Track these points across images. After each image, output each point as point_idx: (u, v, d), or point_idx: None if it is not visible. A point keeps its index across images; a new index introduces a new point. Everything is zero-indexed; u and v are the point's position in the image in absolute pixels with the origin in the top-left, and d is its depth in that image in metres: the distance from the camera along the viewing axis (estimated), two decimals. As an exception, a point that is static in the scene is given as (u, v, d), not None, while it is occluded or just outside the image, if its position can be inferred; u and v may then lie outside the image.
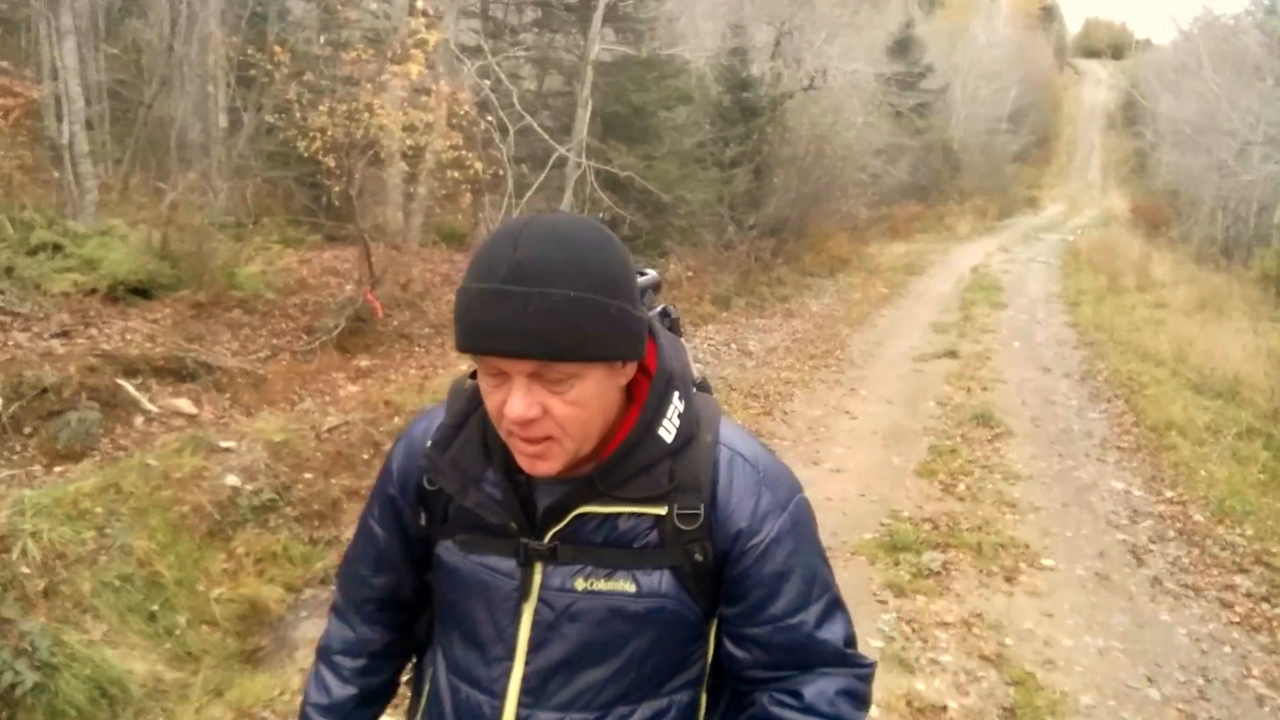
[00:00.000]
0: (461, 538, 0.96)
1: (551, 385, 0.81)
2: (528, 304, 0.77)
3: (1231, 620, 3.62)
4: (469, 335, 0.81)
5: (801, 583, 0.93)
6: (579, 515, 0.90)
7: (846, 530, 4.06)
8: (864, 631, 3.14)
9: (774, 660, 0.94)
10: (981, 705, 2.77)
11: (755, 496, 0.92)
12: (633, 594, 0.90)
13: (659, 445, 0.89)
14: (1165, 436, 6.05)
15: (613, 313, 0.81)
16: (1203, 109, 19.63)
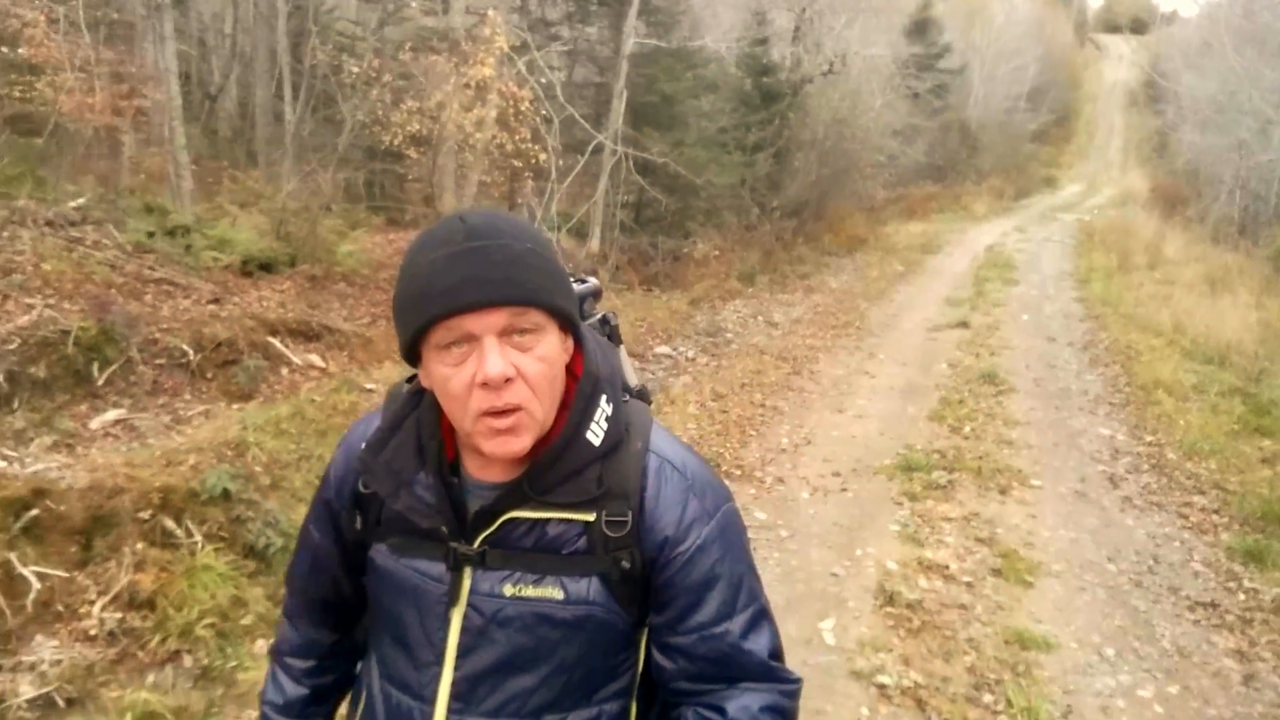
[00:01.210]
0: (393, 541, 0.98)
1: (519, 343, 0.86)
2: (495, 253, 0.83)
3: (1184, 526, 4.62)
4: (437, 301, 0.83)
5: (727, 590, 0.95)
6: (508, 520, 0.93)
7: (869, 458, 5.08)
8: (883, 523, 4.20)
9: (699, 671, 0.97)
10: (975, 567, 3.79)
11: (682, 504, 0.95)
12: (560, 600, 0.93)
13: (587, 449, 0.92)
14: (1153, 394, 7.02)
15: (559, 268, 0.90)
16: (1224, 87, 20.30)
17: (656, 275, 10.52)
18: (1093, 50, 52.27)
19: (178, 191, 7.69)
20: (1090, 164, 35.51)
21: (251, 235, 6.27)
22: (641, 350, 7.54)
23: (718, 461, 4.80)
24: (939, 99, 22.35)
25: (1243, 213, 20.10)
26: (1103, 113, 42.26)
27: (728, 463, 4.82)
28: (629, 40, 10.18)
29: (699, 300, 9.55)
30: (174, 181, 7.71)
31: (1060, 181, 30.52)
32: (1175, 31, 35.23)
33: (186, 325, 5.01)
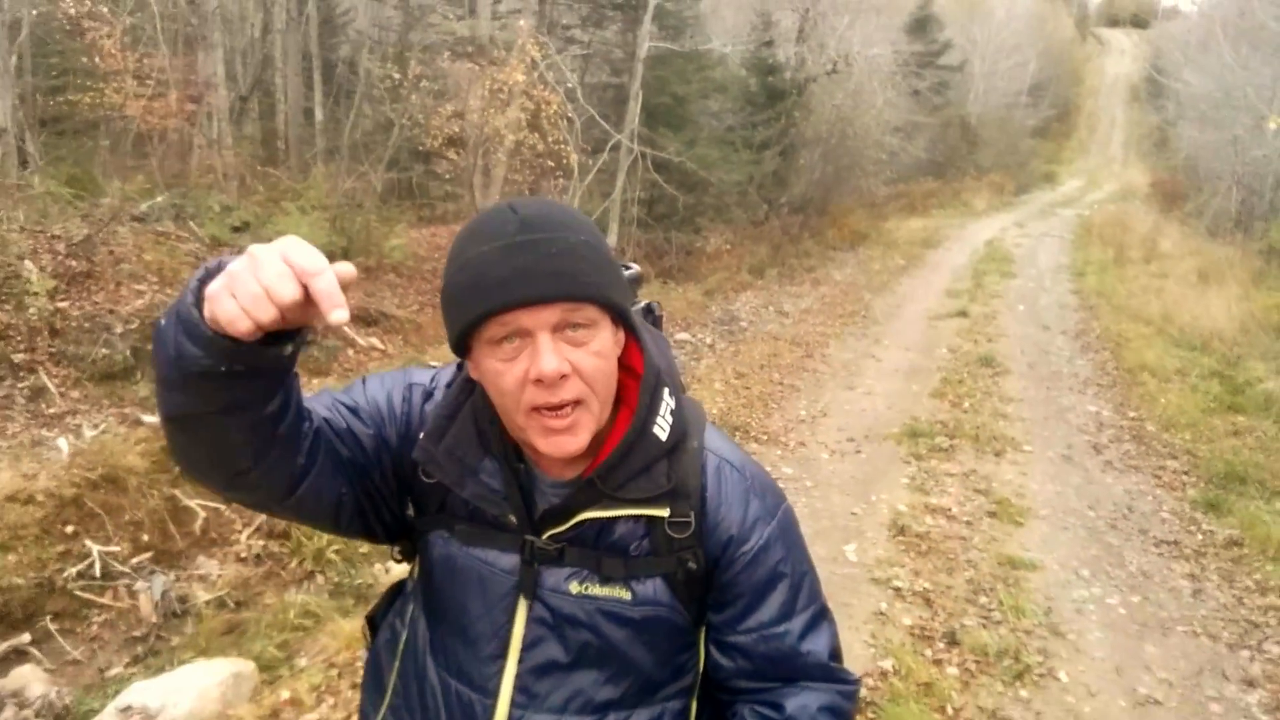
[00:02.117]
0: (460, 528, 0.98)
1: (574, 338, 0.86)
2: (549, 247, 0.83)
3: (1157, 485, 5.38)
4: (489, 295, 0.83)
5: (788, 591, 0.98)
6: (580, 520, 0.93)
7: (879, 427, 5.84)
8: (893, 477, 4.95)
9: (757, 670, 0.99)
10: (973, 511, 4.55)
11: (745, 504, 0.97)
12: (628, 601, 0.95)
13: (655, 444, 0.93)
14: (1138, 376, 7.79)
15: (613, 260, 0.90)
16: (1220, 84, 21.12)
17: (670, 268, 11.27)
18: (1094, 45, 53.21)
19: (223, 188, 8.42)
20: (1091, 159, 36.40)
21: (308, 230, 6.99)
22: (666, 336, 8.29)
23: (746, 428, 5.56)
24: (939, 95, 23.15)
25: (1239, 207, 20.94)
26: (1104, 108, 43.19)
27: (755, 429, 5.58)
28: (644, 44, 10.91)
29: (713, 291, 10.31)
30: (219, 179, 8.44)
31: (1060, 177, 31.38)
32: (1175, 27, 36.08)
33: (270, 310, 5.73)
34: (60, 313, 4.85)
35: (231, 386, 0.76)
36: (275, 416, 0.82)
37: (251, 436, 0.82)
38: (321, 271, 0.70)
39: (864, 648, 3.21)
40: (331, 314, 0.70)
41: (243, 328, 0.71)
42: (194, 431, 0.81)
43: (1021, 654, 3.25)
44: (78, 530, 3.39)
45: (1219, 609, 3.80)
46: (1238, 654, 3.45)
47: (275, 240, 0.73)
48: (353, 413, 0.98)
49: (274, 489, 0.89)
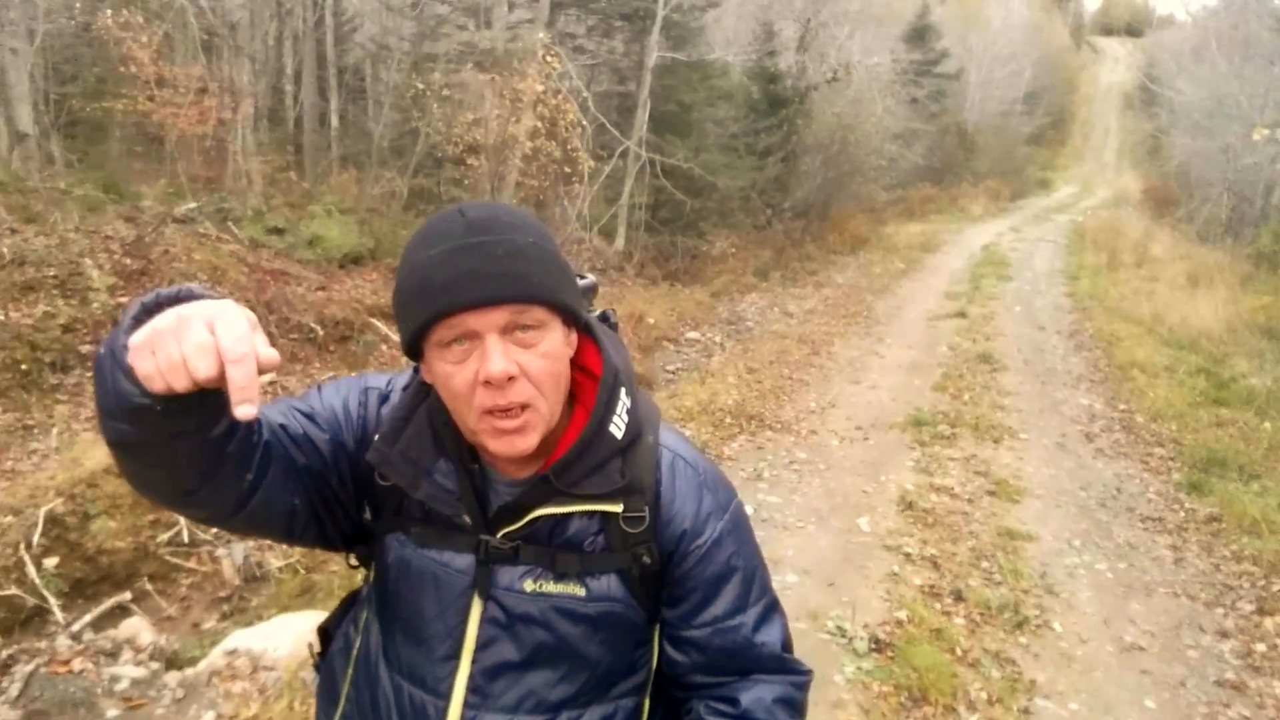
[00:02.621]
0: (415, 530, 0.99)
1: (522, 339, 0.87)
2: (496, 249, 0.84)
3: (1144, 469, 5.80)
4: (436, 298, 0.84)
5: (741, 585, 1.00)
6: (535, 518, 0.94)
7: (885, 417, 6.26)
8: (900, 461, 5.36)
9: (711, 664, 1.01)
10: (974, 490, 4.96)
11: (698, 499, 0.99)
12: (582, 597, 0.96)
13: (610, 442, 0.95)
14: (1128, 373, 8.23)
15: (563, 261, 0.91)
16: (1213, 93, 21.69)
17: (676, 271, 11.69)
18: (1089, 53, 54.02)
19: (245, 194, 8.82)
20: (1085, 166, 37.04)
21: (338, 232, 7.39)
22: (675, 335, 8.71)
23: (761, 417, 5.97)
24: (937, 103, 23.69)
25: (1230, 213, 21.50)
26: (1098, 115, 43.88)
27: (769, 419, 5.99)
28: (653, 54, 11.36)
29: (719, 293, 10.73)
30: (243, 185, 8.84)
31: (1055, 183, 31.97)
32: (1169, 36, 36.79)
33: (311, 307, 6.13)
34: (121, 307, 5.23)
35: (171, 417, 0.74)
36: (222, 438, 0.81)
37: (198, 458, 0.81)
38: (242, 360, 0.68)
39: (880, 602, 3.61)
40: (238, 408, 0.68)
41: (158, 388, 0.70)
42: (138, 456, 0.80)
43: (1020, 608, 3.65)
44: (165, 501, 3.77)
45: (1198, 574, 4.22)
46: (1213, 611, 3.86)
47: (209, 305, 0.71)
48: (309, 419, 0.98)
49: (223, 505, 0.88)
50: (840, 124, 15.33)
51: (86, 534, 3.37)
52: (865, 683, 3.03)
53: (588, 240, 10.52)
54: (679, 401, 6.07)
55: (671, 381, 7.24)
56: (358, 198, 8.14)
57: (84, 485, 3.45)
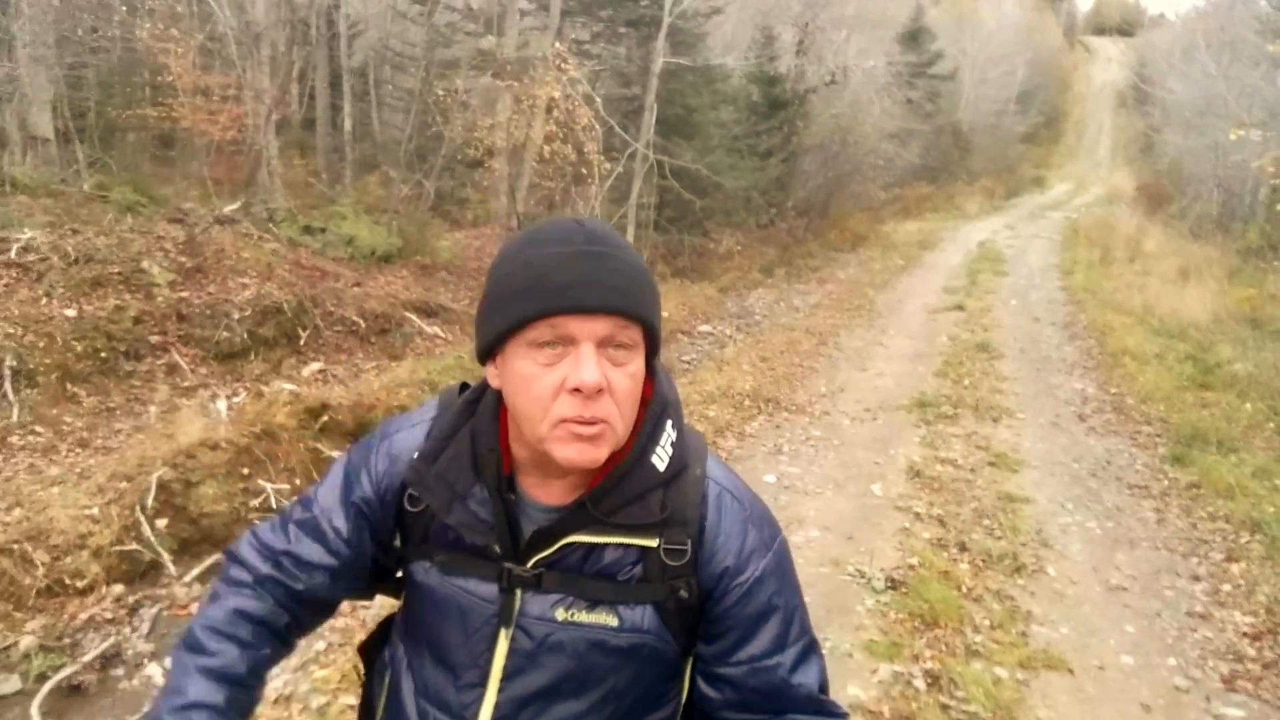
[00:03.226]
0: (440, 558, 0.99)
1: (614, 356, 0.88)
2: (612, 261, 0.87)
3: (1133, 445, 6.31)
4: (549, 296, 0.85)
5: (781, 624, 0.99)
6: (566, 544, 0.94)
7: (891, 400, 6.76)
8: (907, 437, 5.86)
9: (746, 702, 1.00)
10: (976, 461, 5.46)
11: (743, 535, 0.98)
12: (614, 628, 0.95)
13: (652, 473, 0.94)
14: (1120, 359, 8.75)
15: (659, 291, 0.95)
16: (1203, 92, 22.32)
17: (684, 268, 12.20)
18: (1082, 52, 54.81)
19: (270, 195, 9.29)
20: (1079, 164, 37.70)
21: (367, 232, 7.87)
22: (688, 328, 9.21)
23: (776, 400, 6.46)
24: (932, 104, 24.30)
25: (1220, 210, 22.11)
26: (1091, 114, 44.61)
27: (784, 401, 6.48)
28: (659, 60, 11.87)
29: (727, 289, 11.23)
30: (267, 187, 9.31)
31: (1049, 181, 32.59)
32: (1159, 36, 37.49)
33: (352, 301, 6.61)
34: (184, 301, 5.70)
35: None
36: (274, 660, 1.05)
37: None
38: None
39: (894, 551, 4.11)
40: None
41: None
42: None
43: (1018, 557, 4.15)
44: (250, 472, 4.23)
45: (1177, 531, 4.72)
46: (1189, 560, 4.36)
47: None
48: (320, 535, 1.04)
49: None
50: (839, 125, 15.87)
51: (190, 499, 3.83)
52: (883, 611, 3.53)
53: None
54: (700, 387, 6.56)
55: (689, 370, 7.72)
56: (384, 199, 8.61)
57: (183, 456, 3.91)
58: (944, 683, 3.06)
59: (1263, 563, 4.30)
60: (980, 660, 3.24)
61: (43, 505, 3.51)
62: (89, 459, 4.34)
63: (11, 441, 4.44)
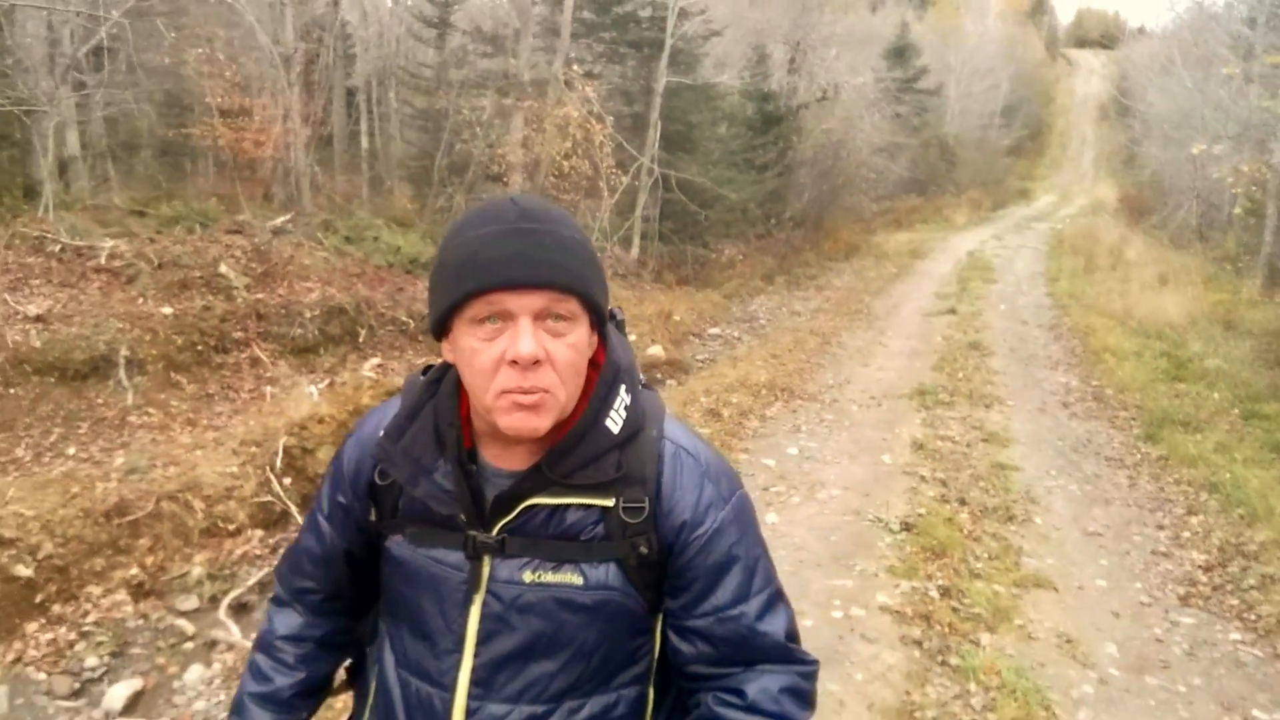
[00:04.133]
0: (411, 530, 1.06)
1: (553, 328, 0.94)
2: (544, 237, 0.92)
3: (1110, 427, 7.16)
4: (480, 274, 0.91)
5: (743, 574, 1.05)
6: (527, 508, 1.01)
7: (894, 390, 7.59)
8: (909, 419, 6.69)
9: (717, 654, 1.06)
10: (971, 438, 6.29)
11: (699, 489, 1.04)
12: (580, 586, 1.01)
13: (606, 436, 1.01)
14: (1101, 356, 9.64)
15: (599, 264, 0.99)
16: (1180, 105, 23.53)
17: (687, 277, 13.04)
18: (1064, 65, 56.57)
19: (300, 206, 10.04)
20: (1063, 175, 39.04)
21: (403, 241, 8.64)
22: (699, 331, 10.03)
23: (791, 389, 7.27)
24: (919, 118, 25.42)
25: (1199, 220, 23.28)
26: (1075, 126, 46.11)
27: (798, 391, 7.30)
28: (662, 79, 12.76)
29: (731, 295, 12.08)
30: (296, 199, 10.07)
31: (1034, 193, 33.83)
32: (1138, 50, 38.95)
33: (399, 303, 7.38)
34: (260, 302, 6.44)
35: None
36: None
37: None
38: None
39: (904, 504, 4.91)
40: None
41: None
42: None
43: (1010, 509, 4.97)
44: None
45: (1146, 493, 5.56)
46: (1155, 514, 5.20)
47: None
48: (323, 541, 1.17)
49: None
50: (830, 140, 16.84)
51: (307, 461, 4.57)
52: (900, 546, 4.33)
53: (609, 249, 11.82)
54: (720, 379, 7.37)
55: (703, 368, 8.53)
56: (408, 212, 9.39)
57: (298, 427, 4.66)
58: (953, 593, 3.87)
59: (1218, 515, 5.14)
60: (981, 580, 4.05)
61: (192, 464, 4.24)
62: (201, 434, 5.06)
63: (131, 420, 5.16)
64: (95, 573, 3.54)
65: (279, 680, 1.18)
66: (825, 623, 3.60)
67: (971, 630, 3.58)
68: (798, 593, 3.83)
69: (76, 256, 6.48)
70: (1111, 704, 3.20)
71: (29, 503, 3.66)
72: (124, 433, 5.04)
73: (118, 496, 3.81)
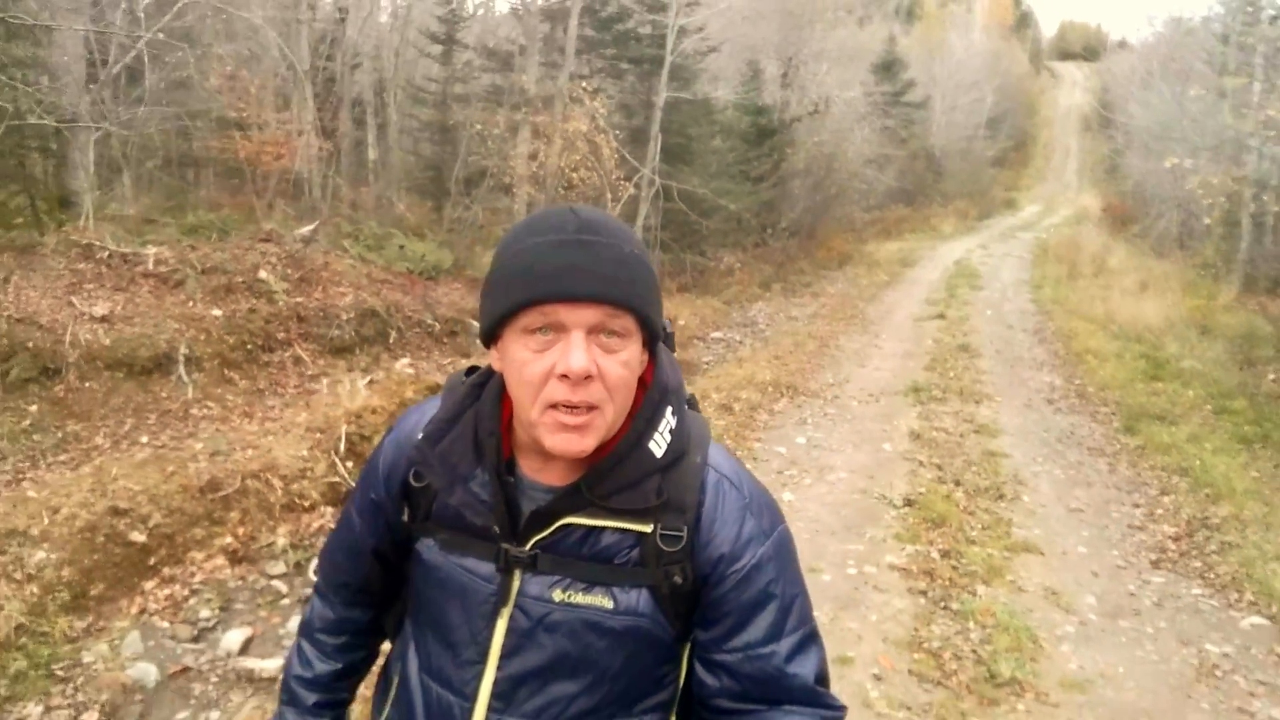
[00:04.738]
0: (442, 536, 1.06)
1: (606, 344, 0.93)
2: (604, 250, 0.92)
3: (1092, 420, 7.78)
4: (537, 283, 0.90)
5: (778, 612, 1.03)
6: (563, 525, 1.00)
7: (890, 387, 8.19)
8: (906, 413, 7.29)
9: (742, 690, 1.04)
10: (963, 430, 6.88)
11: (740, 522, 1.03)
12: (610, 610, 1.01)
13: (649, 459, 0.99)
14: (1083, 358, 10.30)
15: (656, 281, 0.99)
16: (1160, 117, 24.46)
17: (687, 284, 13.63)
18: (1048, 77, 57.95)
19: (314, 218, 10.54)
20: (1048, 186, 40.08)
21: (424, 249, 9.17)
22: (703, 335, 10.61)
23: (795, 387, 7.85)
24: (906, 130, 26.24)
25: (1179, 229, 24.18)
26: (1059, 137, 47.29)
27: (801, 387, 7.88)
28: (663, 94, 13.39)
29: (731, 302, 12.68)
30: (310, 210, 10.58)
31: (1020, 203, 34.78)
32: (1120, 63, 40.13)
33: (425, 307, 7.90)
34: (300, 305, 6.95)
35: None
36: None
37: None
38: None
39: (905, 485, 5.49)
40: None
41: None
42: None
43: (1000, 489, 5.56)
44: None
45: (1124, 477, 6.17)
46: (1132, 495, 5.80)
47: None
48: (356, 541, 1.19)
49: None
50: (822, 152, 17.54)
51: (366, 447, 5.08)
52: (903, 518, 4.90)
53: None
54: (728, 378, 7.94)
55: (710, 368, 9.10)
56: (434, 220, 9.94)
57: (355, 416, 5.17)
58: (952, 555, 4.44)
59: (1187, 494, 5.75)
60: (976, 546, 4.62)
61: (267, 449, 4.75)
62: (260, 425, 5.57)
63: (193, 412, 5.66)
64: (196, 540, 4.04)
65: (320, 667, 1.24)
66: (842, 578, 4.16)
67: (969, 583, 4.15)
68: (816, 555, 4.40)
69: (123, 262, 6.97)
70: (1090, 640, 3.78)
71: (134, 479, 4.16)
72: (188, 423, 5.53)
73: (209, 475, 4.31)
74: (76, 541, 3.72)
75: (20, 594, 3.35)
